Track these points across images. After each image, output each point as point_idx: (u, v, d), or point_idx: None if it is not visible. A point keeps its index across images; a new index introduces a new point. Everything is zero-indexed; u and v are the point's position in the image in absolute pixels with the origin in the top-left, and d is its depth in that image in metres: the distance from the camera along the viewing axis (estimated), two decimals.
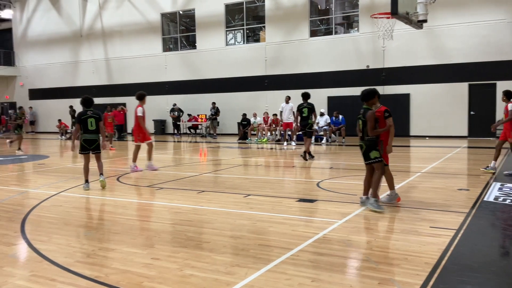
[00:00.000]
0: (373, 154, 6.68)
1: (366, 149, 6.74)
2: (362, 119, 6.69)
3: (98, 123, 8.94)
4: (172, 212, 6.92)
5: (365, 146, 6.73)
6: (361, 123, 6.73)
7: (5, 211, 7.20)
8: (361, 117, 6.72)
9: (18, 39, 33.07)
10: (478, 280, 4.01)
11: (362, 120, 6.70)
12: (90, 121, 8.84)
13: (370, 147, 6.69)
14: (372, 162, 6.70)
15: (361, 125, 6.73)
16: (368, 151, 6.71)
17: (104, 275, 4.28)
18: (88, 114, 8.89)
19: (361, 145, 6.82)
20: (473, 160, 13.00)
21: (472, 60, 19.26)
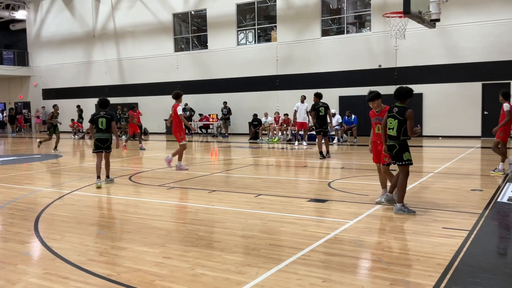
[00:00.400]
0: (406, 156, 6.40)
1: (399, 150, 6.41)
2: (399, 118, 6.35)
3: (110, 123, 9.29)
4: (184, 212, 6.94)
5: (399, 147, 6.40)
6: (395, 122, 6.38)
7: (19, 209, 7.29)
8: (396, 115, 6.38)
9: (32, 40, 33.44)
10: (491, 281, 3.96)
11: (398, 119, 6.35)
12: (101, 121, 9.23)
13: (404, 148, 6.41)
14: (405, 164, 6.41)
15: (396, 124, 6.37)
16: (401, 151, 6.40)
17: (116, 273, 4.32)
18: (100, 114, 9.30)
19: (393, 145, 6.44)
20: (486, 161, 12.86)
21: (485, 59, 19.05)
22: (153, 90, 27.61)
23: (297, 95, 21.90)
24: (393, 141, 6.42)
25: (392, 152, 6.48)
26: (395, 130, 6.38)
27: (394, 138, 6.42)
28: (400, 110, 6.37)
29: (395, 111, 6.41)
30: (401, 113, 6.35)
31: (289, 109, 21.55)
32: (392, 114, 6.44)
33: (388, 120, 6.49)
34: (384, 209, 6.68)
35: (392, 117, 6.43)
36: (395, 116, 6.38)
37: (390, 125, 6.44)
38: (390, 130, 6.43)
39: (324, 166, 12.14)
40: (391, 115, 6.45)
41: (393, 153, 6.47)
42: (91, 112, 26.64)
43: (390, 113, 6.49)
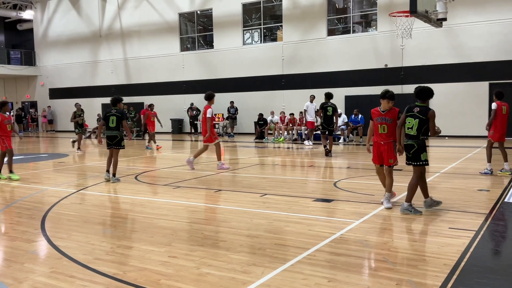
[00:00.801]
0: (424, 156, 6.34)
1: (417, 149, 6.31)
2: (420, 117, 6.26)
3: (121, 121, 9.75)
4: (189, 211, 6.96)
5: (417, 146, 6.31)
6: (415, 121, 6.30)
7: (26, 208, 7.34)
8: (417, 115, 6.29)
9: (39, 39, 33.61)
10: (498, 282, 3.94)
11: (420, 118, 6.26)
12: (112, 119, 9.73)
13: (422, 148, 6.34)
14: (421, 164, 6.35)
15: (416, 123, 6.28)
16: (419, 151, 6.32)
17: (122, 272, 4.33)
18: (112, 113, 9.80)
19: (411, 144, 6.34)
20: (493, 161, 12.77)
21: (492, 59, 18.94)
22: (159, 90, 27.67)
23: (303, 95, 21.92)
24: (412, 141, 6.34)
25: (409, 152, 6.39)
26: (415, 130, 6.30)
27: (413, 137, 6.33)
28: (422, 110, 6.28)
29: (416, 110, 6.31)
30: (423, 112, 6.26)
31: (295, 108, 21.54)
32: (412, 113, 6.34)
33: (407, 119, 6.40)
34: (390, 209, 6.65)
35: (412, 117, 6.34)
36: (416, 115, 6.29)
37: (409, 125, 6.35)
38: (409, 129, 6.35)
39: (330, 166, 12.12)
40: (410, 115, 6.36)
41: (410, 153, 6.38)
42: (97, 112, 26.56)
43: (409, 113, 6.39)
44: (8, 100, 36.10)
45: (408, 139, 6.39)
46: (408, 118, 6.40)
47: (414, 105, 6.41)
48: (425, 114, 6.24)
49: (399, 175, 9.89)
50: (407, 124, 6.39)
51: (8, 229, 6.14)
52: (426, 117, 6.23)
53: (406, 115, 6.43)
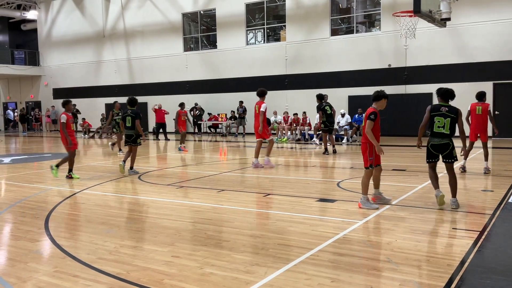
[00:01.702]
0: (455, 153, 6.66)
1: (452, 147, 6.61)
2: (452, 116, 6.49)
3: (135, 121, 10.63)
4: (192, 211, 6.96)
5: (452, 144, 6.60)
6: (447, 120, 6.49)
7: (30, 208, 7.36)
8: (447, 114, 6.51)
9: (43, 40, 33.70)
10: (502, 283, 3.93)
11: (451, 117, 6.49)
12: (128, 119, 10.75)
13: (454, 145, 6.64)
14: (455, 160, 6.68)
15: (448, 122, 6.50)
16: (453, 149, 6.62)
17: (126, 272, 4.34)
18: (128, 113, 10.80)
19: (447, 143, 6.57)
20: (497, 161, 12.74)
21: (496, 59, 18.87)
22: (162, 90, 27.70)
23: (306, 95, 21.92)
24: (447, 139, 6.56)
25: (445, 151, 6.60)
26: (447, 128, 6.51)
27: (447, 136, 6.54)
28: (451, 109, 6.52)
29: (445, 110, 6.53)
30: (453, 111, 6.51)
31: (298, 108, 21.51)
32: (441, 113, 6.53)
33: (436, 119, 6.55)
34: (393, 209, 6.65)
35: (442, 116, 6.52)
36: (446, 114, 6.50)
37: (440, 123, 6.52)
38: (440, 128, 6.52)
39: (333, 166, 12.10)
40: (439, 114, 6.54)
41: (446, 152, 6.59)
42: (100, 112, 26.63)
43: (437, 112, 6.57)
44: (12, 100, 36.50)
45: (441, 139, 6.58)
46: (437, 117, 6.55)
47: (440, 105, 6.61)
48: (456, 113, 6.51)
49: (403, 176, 9.88)
50: (438, 123, 6.54)
51: (12, 229, 6.16)
52: (456, 116, 6.49)
53: (433, 114, 6.59)
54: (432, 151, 6.69)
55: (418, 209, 6.59)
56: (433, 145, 6.64)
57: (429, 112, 6.66)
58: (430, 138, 6.71)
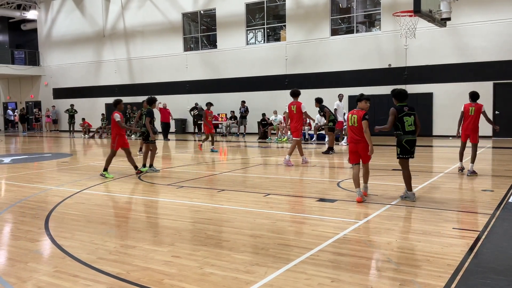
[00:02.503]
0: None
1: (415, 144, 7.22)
2: (414, 113, 7.05)
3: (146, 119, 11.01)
4: (192, 211, 6.96)
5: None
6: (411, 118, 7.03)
7: (30, 208, 7.36)
8: (410, 112, 7.00)
9: (43, 39, 33.71)
10: (502, 283, 3.92)
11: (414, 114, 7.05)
12: (143, 117, 11.23)
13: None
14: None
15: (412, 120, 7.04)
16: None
17: (126, 272, 4.34)
18: (144, 112, 11.27)
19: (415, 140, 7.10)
20: (497, 161, 12.74)
21: (497, 58, 18.87)
22: (162, 90, 27.69)
23: (306, 95, 21.86)
24: (415, 136, 7.03)
25: (414, 147, 7.03)
26: (413, 125, 6.99)
27: (414, 133, 7.02)
28: (410, 108, 7.01)
29: (407, 109, 6.95)
30: (412, 109, 7.02)
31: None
32: (406, 112, 6.94)
33: (405, 118, 6.94)
34: (393, 209, 6.65)
35: (407, 115, 6.94)
36: (409, 113, 6.96)
37: (408, 122, 6.94)
38: (410, 126, 6.96)
39: (333, 166, 12.10)
40: (405, 114, 6.94)
41: (414, 147, 7.05)
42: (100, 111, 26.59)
43: (403, 113, 6.94)
44: (12, 100, 36.50)
45: (413, 135, 7.00)
46: (405, 117, 6.96)
47: (401, 106, 7.00)
48: (414, 110, 7.07)
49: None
50: (407, 122, 6.94)
51: (12, 229, 6.16)
52: (415, 112, 7.06)
53: (401, 115, 6.96)
54: (407, 147, 7.02)
55: (418, 209, 6.59)
56: (408, 141, 7.00)
57: (395, 115, 6.96)
58: (403, 136, 7.01)
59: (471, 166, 9.56)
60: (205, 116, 16.46)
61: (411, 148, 7.03)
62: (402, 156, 7.11)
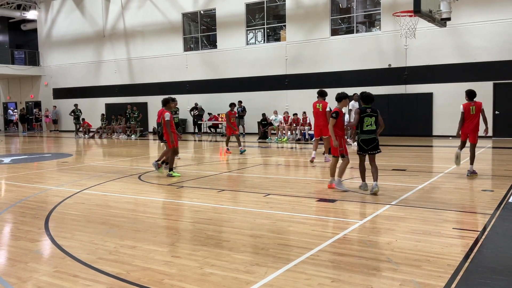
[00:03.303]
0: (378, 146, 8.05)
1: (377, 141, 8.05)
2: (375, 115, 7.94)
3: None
4: (192, 211, 6.96)
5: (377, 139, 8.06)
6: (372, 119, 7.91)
7: (30, 208, 7.36)
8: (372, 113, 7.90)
9: (43, 40, 33.70)
10: (502, 283, 3.92)
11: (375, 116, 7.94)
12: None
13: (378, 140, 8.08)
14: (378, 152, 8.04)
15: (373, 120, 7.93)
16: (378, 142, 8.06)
17: (126, 272, 4.34)
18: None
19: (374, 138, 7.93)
20: (497, 161, 12.74)
21: (497, 58, 18.87)
22: (162, 90, 27.65)
23: (307, 95, 21.89)
24: (373, 135, 7.90)
25: (373, 144, 7.88)
26: (373, 125, 7.88)
27: (373, 132, 7.90)
28: (373, 110, 7.90)
29: (369, 111, 7.86)
30: (374, 111, 7.92)
31: (298, 108, 21.49)
32: (367, 113, 7.84)
33: (365, 119, 7.81)
34: (393, 209, 6.65)
35: (368, 116, 7.83)
36: (371, 114, 7.85)
37: (368, 122, 7.83)
38: (369, 126, 7.85)
39: None
40: (366, 115, 7.83)
41: (373, 144, 7.88)
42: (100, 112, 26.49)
43: (365, 113, 7.84)
44: (12, 100, 36.51)
45: (370, 134, 7.87)
46: (366, 118, 7.83)
47: (365, 107, 7.89)
48: (376, 112, 7.93)
49: (403, 176, 9.88)
50: (366, 122, 7.82)
51: (12, 229, 6.16)
52: (377, 114, 7.91)
53: (362, 115, 7.83)
54: (363, 145, 7.92)
55: (418, 209, 6.59)
56: (363, 140, 7.90)
57: (359, 114, 7.83)
58: (360, 135, 7.96)
59: (471, 167, 9.44)
60: (228, 117, 15.70)
61: (366, 147, 7.89)
62: (359, 153, 8.11)
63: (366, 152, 7.97)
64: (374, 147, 7.90)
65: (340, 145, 8.16)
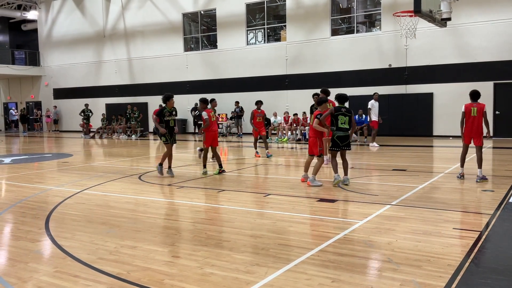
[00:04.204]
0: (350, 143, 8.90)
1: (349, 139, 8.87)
2: (349, 115, 8.71)
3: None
4: (193, 211, 6.96)
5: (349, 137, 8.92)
6: (346, 118, 8.67)
7: (30, 208, 7.36)
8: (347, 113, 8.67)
9: (43, 40, 33.71)
10: (503, 283, 3.92)
11: (349, 115, 8.71)
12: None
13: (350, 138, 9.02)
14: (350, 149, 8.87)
15: (348, 119, 8.71)
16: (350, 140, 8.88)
17: (126, 272, 4.34)
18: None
19: (347, 135, 8.72)
20: (497, 161, 12.74)
21: (497, 59, 18.86)
22: (163, 90, 27.54)
23: (307, 95, 21.86)
24: (347, 133, 8.59)
25: (346, 141, 8.60)
26: (347, 124, 8.55)
27: (347, 130, 8.57)
28: (347, 110, 8.66)
29: (344, 110, 8.60)
30: (349, 111, 8.65)
31: (298, 109, 21.49)
32: (342, 112, 8.56)
33: (340, 117, 8.51)
34: (394, 209, 6.65)
35: (343, 115, 8.54)
36: (345, 114, 8.57)
37: (342, 121, 8.52)
38: (343, 124, 8.53)
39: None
40: (341, 114, 8.53)
41: (346, 142, 8.59)
42: (101, 112, 26.45)
43: (339, 112, 8.55)
44: (12, 101, 36.52)
45: (343, 132, 8.55)
46: (340, 116, 8.51)
47: (340, 107, 8.67)
48: (351, 112, 8.68)
49: (403, 175, 9.88)
50: (341, 121, 8.50)
51: (12, 229, 6.16)
52: (351, 114, 8.66)
53: (336, 114, 8.54)
54: (337, 141, 8.58)
55: (418, 209, 6.59)
56: (339, 136, 8.56)
57: (332, 112, 8.53)
58: (336, 132, 8.59)
59: (480, 171, 8.93)
60: (252, 116, 14.16)
61: (341, 143, 8.58)
62: (332, 149, 8.74)
63: (340, 148, 8.66)
64: (347, 144, 8.64)
65: (320, 145, 8.76)
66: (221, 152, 16.51)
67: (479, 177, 8.90)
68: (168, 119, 10.31)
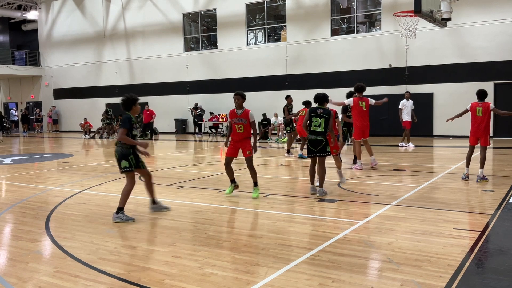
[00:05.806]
0: (328, 148, 7.71)
1: (325, 143, 7.76)
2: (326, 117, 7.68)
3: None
4: (193, 211, 6.96)
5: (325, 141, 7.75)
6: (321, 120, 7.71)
7: (30, 208, 7.36)
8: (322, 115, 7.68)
9: (44, 40, 33.72)
10: (503, 283, 3.92)
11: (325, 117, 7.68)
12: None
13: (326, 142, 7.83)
14: (328, 154, 7.73)
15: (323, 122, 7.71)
16: (326, 145, 7.77)
17: (126, 272, 4.34)
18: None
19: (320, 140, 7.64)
20: (498, 161, 12.74)
21: (497, 59, 18.86)
22: (163, 90, 27.72)
23: (307, 95, 21.85)
24: (320, 136, 7.61)
25: (319, 146, 7.63)
26: (322, 127, 7.60)
27: (321, 133, 7.61)
28: (325, 111, 7.64)
29: (320, 112, 7.64)
30: (325, 113, 7.62)
31: (298, 109, 21.42)
32: (317, 114, 7.64)
33: (313, 119, 7.63)
34: (394, 209, 6.65)
35: (317, 117, 7.63)
36: (321, 115, 7.61)
37: (316, 123, 7.62)
38: (317, 127, 7.62)
39: (333, 166, 12.07)
40: (316, 115, 7.64)
41: (319, 147, 7.62)
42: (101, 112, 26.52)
43: (314, 113, 7.66)
44: (12, 101, 36.52)
45: (316, 135, 7.63)
46: (314, 118, 7.65)
47: (316, 108, 7.73)
48: (328, 114, 7.63)
49: (403, 176, 9.88)
50: (314, 123, 7.63)
51: (12, 229, 6.16)
52: (329, 116, 7.60)
53: (311, 115, 7.68)
54: (310, 146, 7.72)
55: (418, 209, 6.59)
56: (310, 141, 7.71)
57: (308, 114, 7.73)
58: (309, 135, 7.77)
59: (481, 171, 8.85)
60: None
61: (314, 148, 7.67)
62: (308, 155, 7.89)
63: (315, 154, 7.71)
64: (321, 149, 7.62)
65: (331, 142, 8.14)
66: (220, 151, 16.52)
67: (480, 177, 8.87)
68: (134, 134, 6.77)
